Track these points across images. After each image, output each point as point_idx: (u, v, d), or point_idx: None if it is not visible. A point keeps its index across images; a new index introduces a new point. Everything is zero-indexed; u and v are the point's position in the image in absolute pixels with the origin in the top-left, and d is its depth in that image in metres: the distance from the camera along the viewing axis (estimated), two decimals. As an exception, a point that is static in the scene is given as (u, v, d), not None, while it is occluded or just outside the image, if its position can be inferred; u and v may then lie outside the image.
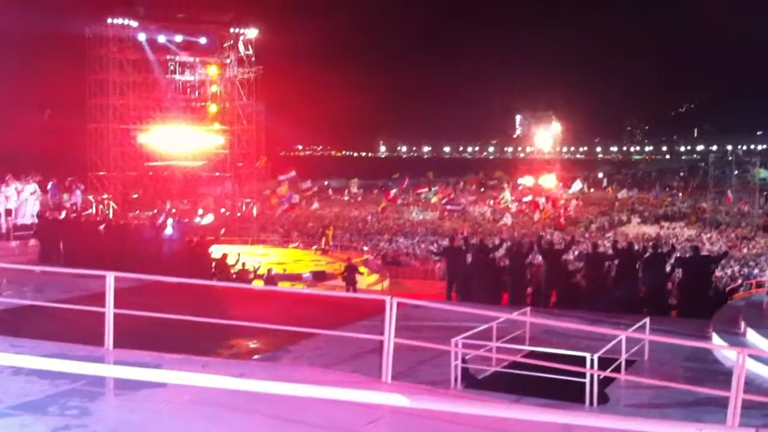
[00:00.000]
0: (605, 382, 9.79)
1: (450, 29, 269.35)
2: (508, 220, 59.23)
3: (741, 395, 7.13)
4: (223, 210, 58.01)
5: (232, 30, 60.73)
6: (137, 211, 51.22)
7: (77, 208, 29.00)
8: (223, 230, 41.31)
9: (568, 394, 9.22)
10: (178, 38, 59.05)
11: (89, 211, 38.74)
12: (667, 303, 17.27)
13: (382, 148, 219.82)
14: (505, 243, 24.42)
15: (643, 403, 9.52)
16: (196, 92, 62.54)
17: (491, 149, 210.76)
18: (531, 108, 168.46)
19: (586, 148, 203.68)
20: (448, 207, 65.56)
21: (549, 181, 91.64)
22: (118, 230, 22.25)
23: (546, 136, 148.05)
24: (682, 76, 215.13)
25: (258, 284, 22.04)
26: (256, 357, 11.34)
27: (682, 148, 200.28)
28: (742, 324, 13.19)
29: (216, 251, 23.44)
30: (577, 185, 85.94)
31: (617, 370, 10.04)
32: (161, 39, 58.56)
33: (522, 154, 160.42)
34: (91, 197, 53.03)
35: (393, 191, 67.57)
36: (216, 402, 6.91)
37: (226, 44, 61.20)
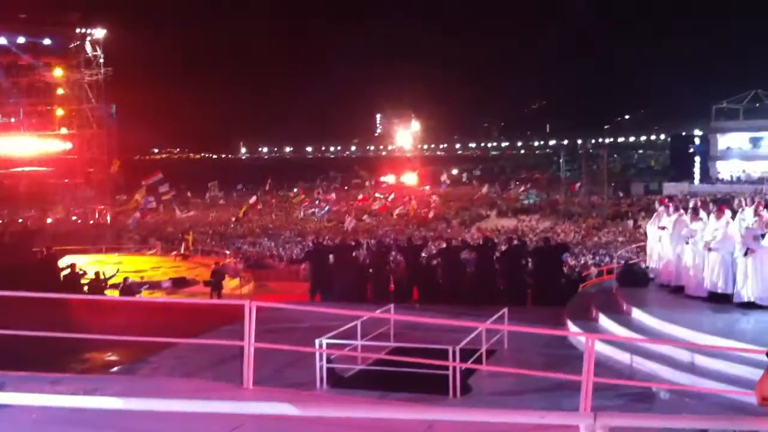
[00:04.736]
0: (468, 373, 9.99)
1: (309, 30, 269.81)
2: (367, 218, 59.71)
3: (592, 378, 7.41)
4: (74, 218, 55.40)
5: (78, 30, 58.04)
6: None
7: None
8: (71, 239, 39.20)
9: (433, 386, 9.35)
10: (21, 39, 55.87)
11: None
12: (524, 293, 17.88)
13: (243, 150, 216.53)
14: (366, 242, 24.61)
15: (505, 391, 9.77)
16: (41, 95, 59.23)
17: (353, 148, 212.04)
18: (391, 107, 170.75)
19: (445, 145, 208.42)
20: (312, 211, 65.38)
21: (410, 178, 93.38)
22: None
23: (406, 134, 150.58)
24: (533, 75, 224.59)
25: (113, 294, 21.11)
26: (113, 370, 10.87)
27: (536, 143, 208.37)
28: (594, 310, 13.80)
29: (66, 261, 22.33)
30: (443, 180, 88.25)
31: (479, 360, 10.27)
32: (2, 41, 55.27)
33: (384, 153, 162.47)
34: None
35: (255, 196, 67.20)
36: (65, 419, 6.56)
37: (72, 45, 58.40)
